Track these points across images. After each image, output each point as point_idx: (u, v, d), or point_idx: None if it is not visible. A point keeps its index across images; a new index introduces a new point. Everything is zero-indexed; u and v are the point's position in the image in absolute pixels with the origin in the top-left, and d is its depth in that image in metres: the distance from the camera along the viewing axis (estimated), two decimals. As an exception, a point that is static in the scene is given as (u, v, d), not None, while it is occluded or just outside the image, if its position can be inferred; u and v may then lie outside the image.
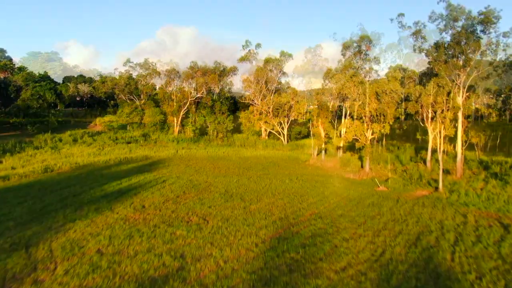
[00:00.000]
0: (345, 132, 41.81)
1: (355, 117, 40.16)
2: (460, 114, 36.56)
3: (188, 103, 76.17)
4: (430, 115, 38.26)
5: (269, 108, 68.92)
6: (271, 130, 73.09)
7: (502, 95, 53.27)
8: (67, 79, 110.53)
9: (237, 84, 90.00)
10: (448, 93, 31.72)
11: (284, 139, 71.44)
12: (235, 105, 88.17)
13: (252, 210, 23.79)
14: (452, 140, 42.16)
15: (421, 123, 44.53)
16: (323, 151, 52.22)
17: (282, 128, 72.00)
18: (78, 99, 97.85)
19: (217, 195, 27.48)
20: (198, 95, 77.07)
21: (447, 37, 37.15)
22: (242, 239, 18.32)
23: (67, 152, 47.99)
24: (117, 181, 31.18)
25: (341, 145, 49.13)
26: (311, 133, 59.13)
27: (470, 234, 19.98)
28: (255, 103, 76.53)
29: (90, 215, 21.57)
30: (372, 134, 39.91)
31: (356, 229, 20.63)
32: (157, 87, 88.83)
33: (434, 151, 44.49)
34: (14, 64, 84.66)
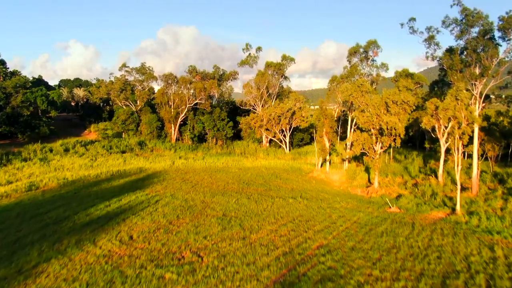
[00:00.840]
0: (352, 145, 39.18)
1: (362, 128, 37.55)
2: (476, 127, 34.00)
3: (186, 109, 73.50)
4: (443, 128, 35.60)
5: (270, 115, 66.19)
6: (273, 138, 70.35)
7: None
8: (63, 83, 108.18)
9: (237, 88, 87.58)
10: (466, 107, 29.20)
11: (286, 147, 68.64)
12: (235, 110, 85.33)
13: (252, 242, 21.22)
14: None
15: (432, 133, 41.92)
16: (328, 162, 49.59)
17: (284, 136, 69.14)
18: (73, 104, 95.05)
19: (214, 220, 24.94)
20: (197, 101, 74.29)
21: (462, 44, 34.60)
22: (241, 286, 15.77)
23: (57, 164, 45.33)
24: (105, 202, 28.66)
25: (347, 157, 46.58)
26: (314, 140, 56.52)
27: (503, 277, 17.38)
28: (256, 110, 73.85)
29: (69, 250, 19.03)
30: (381, 148, 37.33)
31: (371, 268, 18.04)
32: (155, 90, 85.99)
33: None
34: (8, 68, 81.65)
